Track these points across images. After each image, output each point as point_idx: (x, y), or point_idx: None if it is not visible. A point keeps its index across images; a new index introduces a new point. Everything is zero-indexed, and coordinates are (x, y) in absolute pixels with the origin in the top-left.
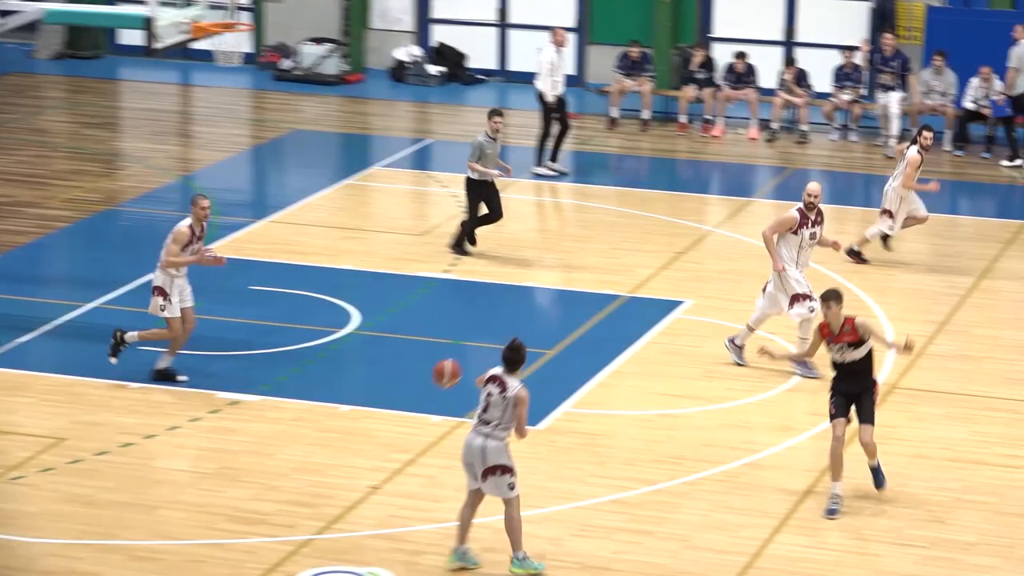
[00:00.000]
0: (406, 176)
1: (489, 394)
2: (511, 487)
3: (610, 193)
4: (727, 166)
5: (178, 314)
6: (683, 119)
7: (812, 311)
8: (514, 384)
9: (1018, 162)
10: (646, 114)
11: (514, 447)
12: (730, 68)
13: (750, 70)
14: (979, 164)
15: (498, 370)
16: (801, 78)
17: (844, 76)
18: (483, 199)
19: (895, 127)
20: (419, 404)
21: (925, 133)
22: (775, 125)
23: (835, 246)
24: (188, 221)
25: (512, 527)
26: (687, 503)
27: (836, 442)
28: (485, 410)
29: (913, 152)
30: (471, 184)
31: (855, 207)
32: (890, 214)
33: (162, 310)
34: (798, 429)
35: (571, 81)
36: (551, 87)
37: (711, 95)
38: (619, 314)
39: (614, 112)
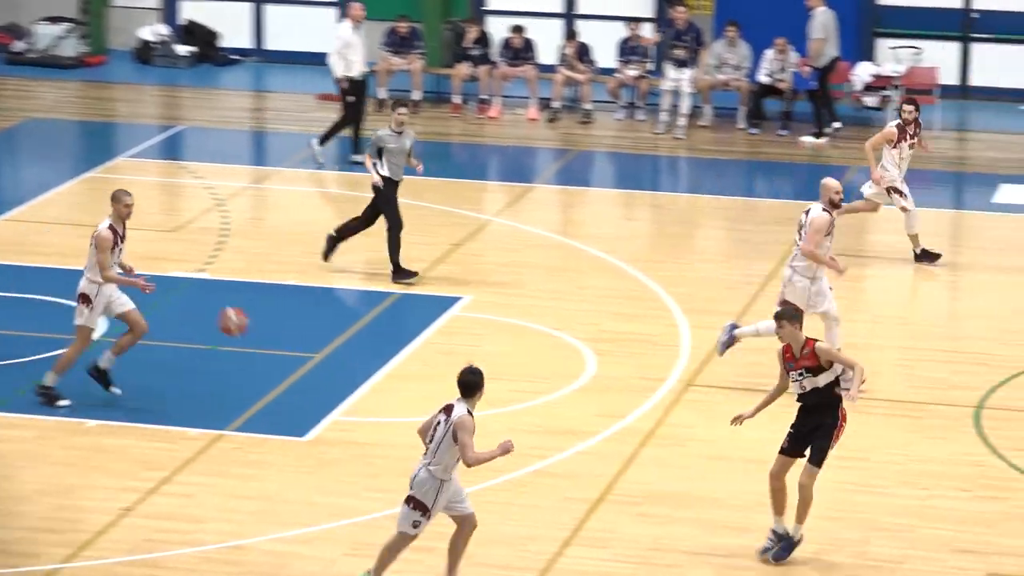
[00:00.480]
0: (154, 167)
1: (437, 423)
2: (415, 525)
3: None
4: (505, 149)
5: (94, 324)
6: (457, 99)
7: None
8: (459, 410)
9: (823, 140)
10: (417, 94)
11: (282, 460)
12: (506, 43)
13: (528, 45)
14: (776, 142)
15: (455, 400)
16: (583, 53)
17: (629, 50)
18: (385, 202)
19: (686, 106)
20: (174, 417)
21: (906, 107)
22: (556, 104)
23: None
24: (108, 222)
25: (383, 557)
26: None
27: (771, 478)
28: (431, 440)
29: (891, 126)
30: (383, 185)
31: (644, 191)
32: (898, 191)
33: (81, 316)
34: (588, 433)
35: None
36: (346, 67)
37: (487, 73)
38: (392, 313)
39: (381, 93)
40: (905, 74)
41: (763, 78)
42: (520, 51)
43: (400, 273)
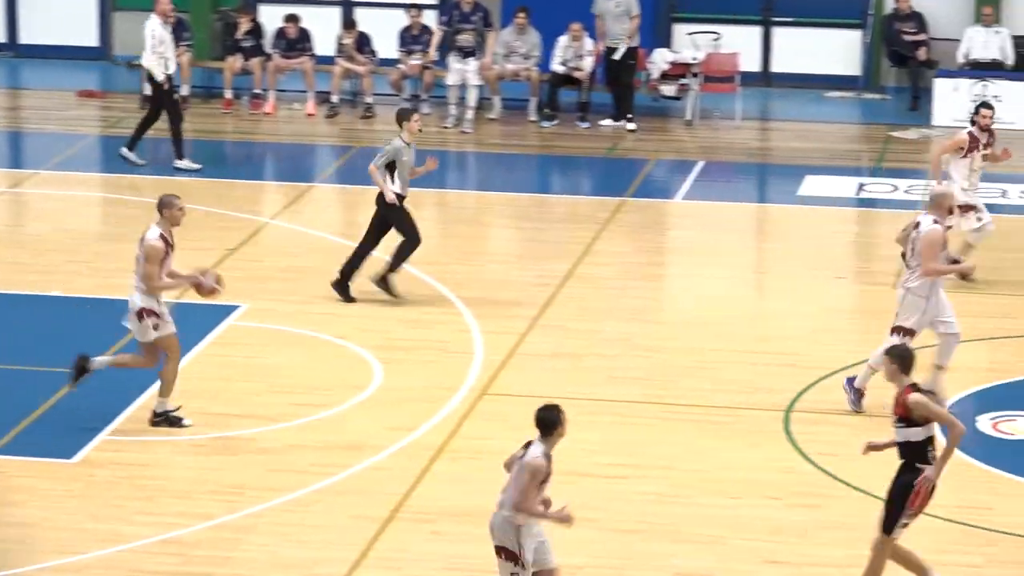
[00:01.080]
0: None
1: (516, 457)
2: None
3: (145, 183)
4: (282, 147)
5: (172, 330)
6: (229, 94)
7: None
8: (534, 451)
9: (630, 125)
10: (185, 89)
11: (48, 484)
12: (280, 33)
13: (304, 35)
14: (571, 135)
15: (536, 438)
16: (363, 43)
17: (411, 39)
18: (400, 220)
19: (473, 98)
20: None
21: (983, 111)
22: (335, 98)
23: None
24: (158, 231)
25: None
26: (251, 538)
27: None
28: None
29: (962, 134)
30: (383, 201)
31: (430, 189)
32: (971, 208)
33: (155, 329)
34: (376, 447)
35: (96, 54)
36: (161, 65)
37: (260, 65)
38: None
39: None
40: (704, 61)
41: (557, 67)
42: (295, 42)
43: (385, 284)
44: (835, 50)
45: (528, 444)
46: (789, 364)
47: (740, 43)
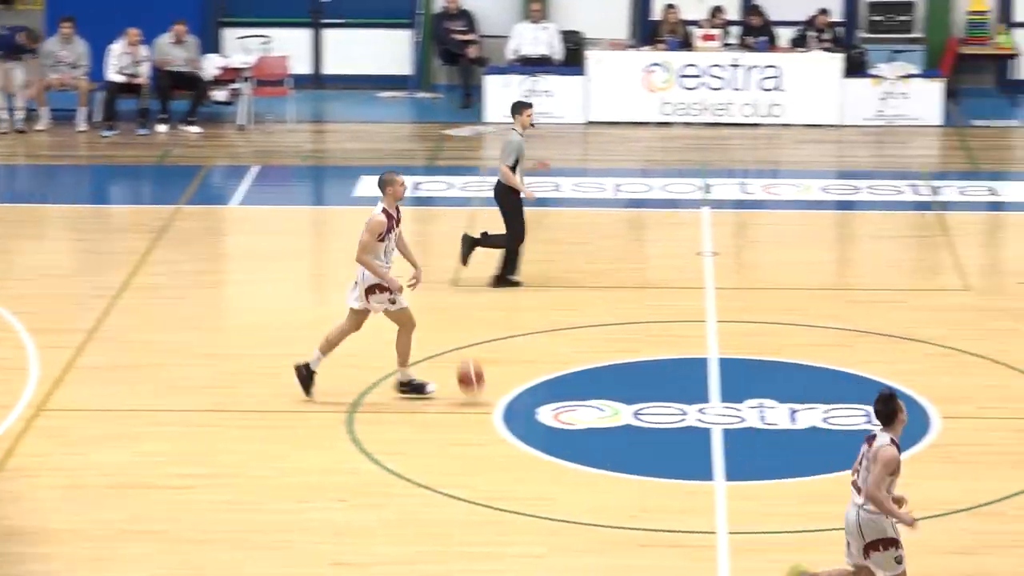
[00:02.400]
0: None
1: (863, 455)
2: (898, 561)
3: None
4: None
5: (407, 304)
6: None
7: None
8: (882, 439)
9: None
10: None
11: None
12: None
13: None
14: (126, 143)
15: (877, 430)
16: None
17: None
18: (516, 212)
19: (19, 108)
20: None
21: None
22: None
23: None
24: (381, 207)
25: None
26: None
27: None
28: (857, 473)
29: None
30: (505, 193)
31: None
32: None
33: (393, 303)
34: None
35: None
36: None
37: None
38: None
39: None
40: (256, 65)
41: (114, 76)
42: None
43: (506, 277)
44: (386, 50)
45: (871, 437)
46: (351, 365)
47: (291, 46)
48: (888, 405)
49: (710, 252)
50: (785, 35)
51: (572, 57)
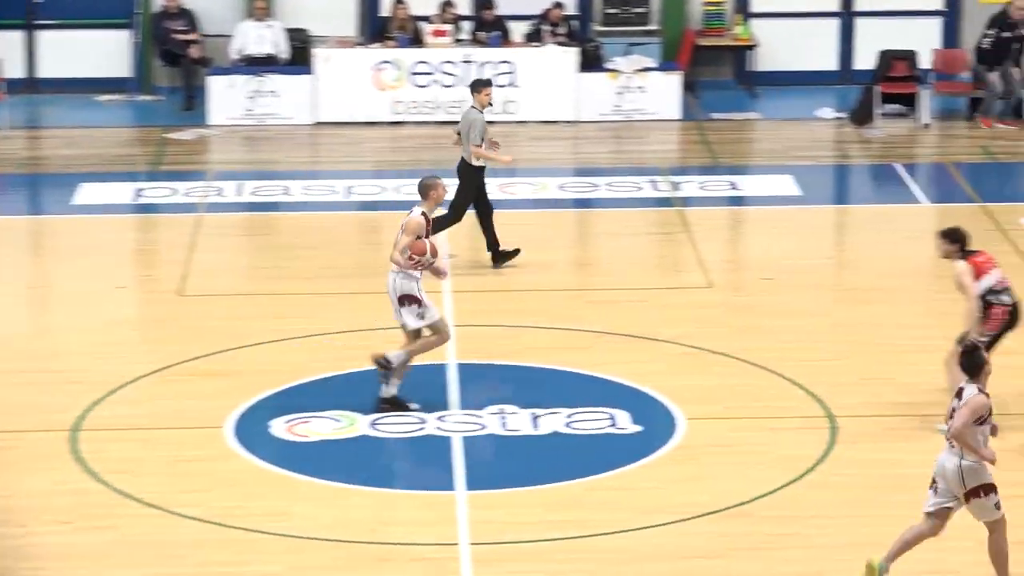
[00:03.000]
0: None
1: (952, 408)
2: (997, 507)
3: None
4: None
5: (439, 316)
6: None
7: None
8: (970, 390)
9: None
10: None
11: None
12: None
13: None
14: None
15: (964, 383)
16: None
17: None
18: (474, 188)
19: None
20: None
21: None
22: None
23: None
24: (419, 211)
25: (999, 555)
26: None
27: None
28: (950, 427)
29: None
30: (470, 173)
31: None
32: None
33: (421, 318)
34: None
35: None
36: None
37: None
38: None
39: None
40: None
41: None
42: None
43: (500, 258)
44: (104, 52)
45: (959, 392)
46: (74, 381)
47: (2, 49)
48: (973, 358)
49: (446, 254)
50: (519, 29)
51: (299, 56)
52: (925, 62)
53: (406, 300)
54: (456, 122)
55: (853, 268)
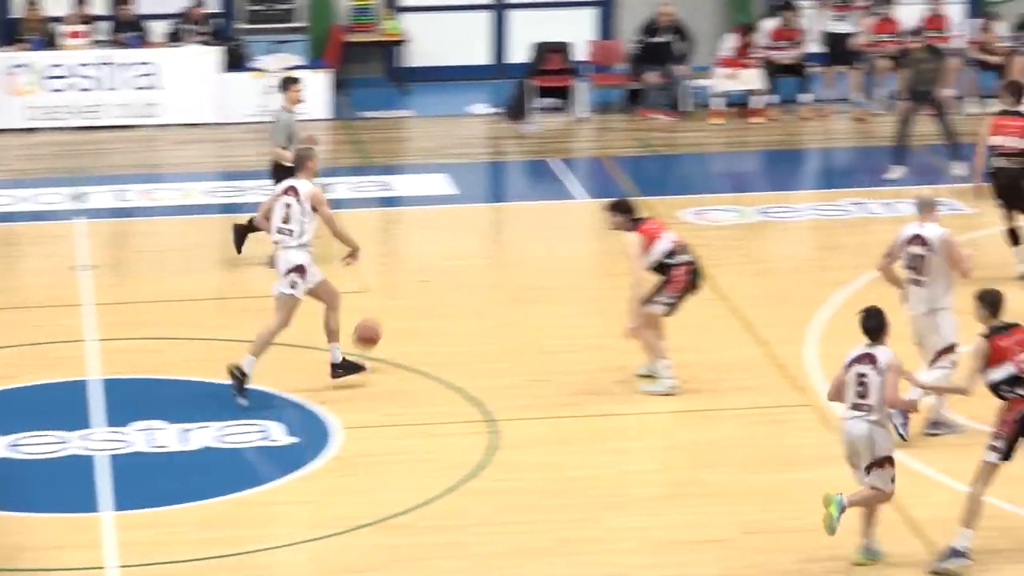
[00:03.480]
0: None
1: (862, 375)
2: (892, 480)
3: None
4: None
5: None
6: None
7: None
8: (886, 353)
9: None
10: None
11: None
12: None
13: None
14: None
15: (861, 348)
16: None
17: None
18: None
19: None
20: None
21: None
22: None
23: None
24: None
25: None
26: None
27: None
28: (862, 395)
29: None
30: (283, 173)
31: None
32: None
33: (293, 287)
34: None
35: None
36: None
37: None
38: None
39: None
40: None
41: None
42: None
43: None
44: None
45: (867, 356)
46: None
47: None
48: (878, 318)
49: (87, 266)
50: (159, 29)
51: None
52: (581, 54)
53: (296, 270)
54: (93, 127)
55: (511, 267)
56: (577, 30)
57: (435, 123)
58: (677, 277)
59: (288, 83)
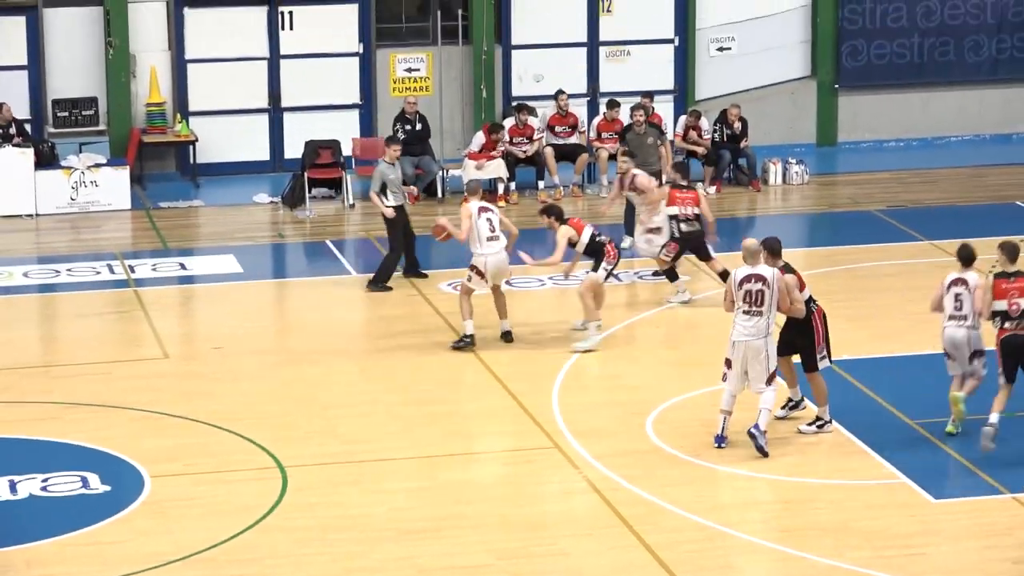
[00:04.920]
0: None
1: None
2: (984, 365)
3: None
4: None
5: None
6: None
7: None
8: (975, 276)
9: None
10: None
11: None
12: None
13: None
14: None
15: (954, 274)
16: None
17: None
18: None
19: None
20: None
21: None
22: None
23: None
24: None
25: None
26: None
27: None
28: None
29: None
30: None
31: None
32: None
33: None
34: None
35: None
36: None
37: None
38: None
39: None
40: None
41: None
42: None
43: (380, 282)
44: None
45: (960, 280)
46: None
47: None
48: (969, 249)
49: None
50: None
51: None
52: (347, 150)
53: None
54: None
55: (292, 334)
56: (343, 128)
57: (223, 211)
58: (610, 251)
59: (388, 142)
